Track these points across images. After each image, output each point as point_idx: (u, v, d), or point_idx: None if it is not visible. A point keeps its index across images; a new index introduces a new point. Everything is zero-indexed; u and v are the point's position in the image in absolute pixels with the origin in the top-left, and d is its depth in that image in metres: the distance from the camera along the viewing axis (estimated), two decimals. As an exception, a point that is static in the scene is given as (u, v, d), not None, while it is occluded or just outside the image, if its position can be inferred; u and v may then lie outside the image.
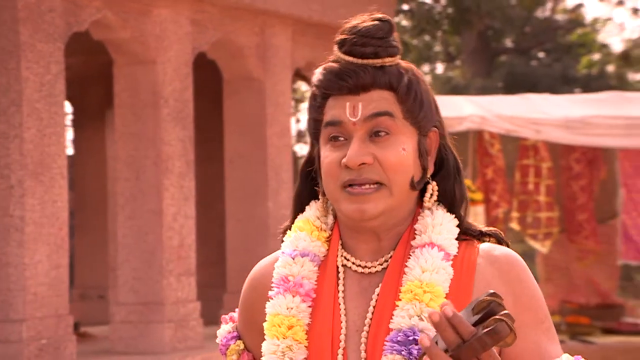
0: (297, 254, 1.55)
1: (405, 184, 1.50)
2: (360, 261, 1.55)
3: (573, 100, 7.58)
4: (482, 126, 6.63)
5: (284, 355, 1.51)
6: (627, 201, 6.93)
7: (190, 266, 5.21)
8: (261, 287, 1.60)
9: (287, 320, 1.52)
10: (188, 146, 5.21)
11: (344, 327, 1.52)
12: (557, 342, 1.51)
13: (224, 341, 1.66)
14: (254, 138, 5.55)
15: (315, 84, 1.54)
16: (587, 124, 6.65)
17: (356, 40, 1.49)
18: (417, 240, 1.53)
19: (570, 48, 16.89)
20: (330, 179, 1.51)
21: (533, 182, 6.92)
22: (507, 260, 1.51)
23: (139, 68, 5.18)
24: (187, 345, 5.19)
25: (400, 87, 1.51)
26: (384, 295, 1.51)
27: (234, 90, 5.65)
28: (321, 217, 1.58)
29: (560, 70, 15.83)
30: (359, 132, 1.49)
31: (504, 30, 16.18)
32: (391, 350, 1.45)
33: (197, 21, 5.37)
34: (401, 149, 1.49)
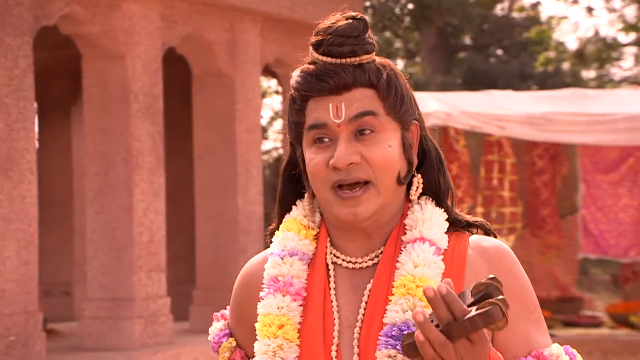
0: (286, 253, 1.56)
1: (392, 179, 1.51)
2: (350, 257, 1.56)
3: (534, 97, 7.69)
4: (447, 122, 6.69)
5: (275, 354, 1.51)
6: (586, 196, 7.05)
7: (160, 262, 5.20)
8: (252, 285, 1.61)
9: (277, 319, 1.53)
10: (158, 141, 5.19)
11: (337, 323, 1.53)
12: (547, 333, 1.53)
13: (216, 338, 1.67)
14: (223, 134, 5.55)
15: (295, 87, 1.53)
16: (549, 121, 6.75)
17: (333, 40, 1.49)
18: (408, 235, 1.54)
19: (526, 45, 17.12)
20: (318, 181, 1.51)
21: (497, 178, 7.01)
22: (497, 251, 1.53)
23: (109, 63, 5.15)
24: (157, 341, 5.18)
25: (380, 83, 1.51)
26: (375, 290, 1.52)
27: (204, 86, 5.64)
28: (308, 216, 1.59)
29: (518, 67, 16.04)
30: (344, 133, 1.49)
31: (462, 27, 16.35)
32: (385, 345, 1.46)
33: (167, 16, 5.35)
34: (387, 146, 1.50)
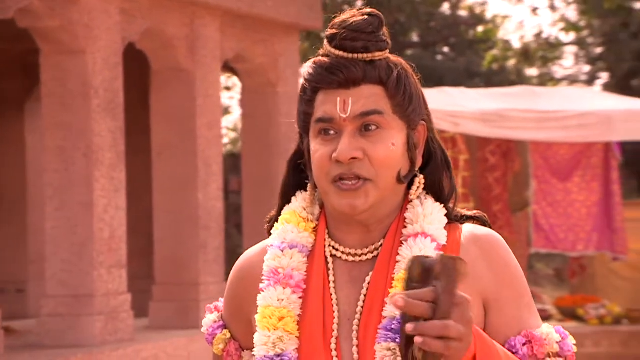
0: (286, 246, 1.57)
1: (391, 178, 1.52)
2: (349, 250, 1.56)
3: (487, 94, 7.81)
4: (402, 119, 6.74)
5: (275, 346, 1.52)
6: (537, 192, 7.19)
7: (121, 258, 5.17)
8: (249, 277, 1.62)
9: (277, 311, 1.53)
10: (119, 137, 5.16)
11: (336, 316, 1.54)
12: (538, 315, 1.56)
13: (210, 330, 1.68)
14: (183, 129, 5.54)
15: (306, 78, 1.54)
16: (502, 117, 6.88)
17: (346, 35, 1.50)
18: (409, 229, 1.55)
19: (473, 44, 17.37)
20: (321, 173, 1.52)
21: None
22: (489, 239, 1.55)
23: (68, 58, 5.09)
24: (117, 337, 5.15)
25: (390, 81, 1.52)
26: (375, 283, 1.53)
27: (163, 81, 5.62)
28: (307, 208, 1.59)
29: (465, 64, 16.27)
30: (350, 128, 1.50)
31: (410, 24, 16.51)
32: (385, 338, 1.47)
33: (126, 11, 5.32)
34: (390, 144, 1.51)
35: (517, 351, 1.50)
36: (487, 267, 1.53)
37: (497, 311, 1.52)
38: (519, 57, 16.89)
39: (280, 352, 1.51)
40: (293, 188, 1.61)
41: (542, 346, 1.50)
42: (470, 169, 7.18)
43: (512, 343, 1.51)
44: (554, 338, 1.50)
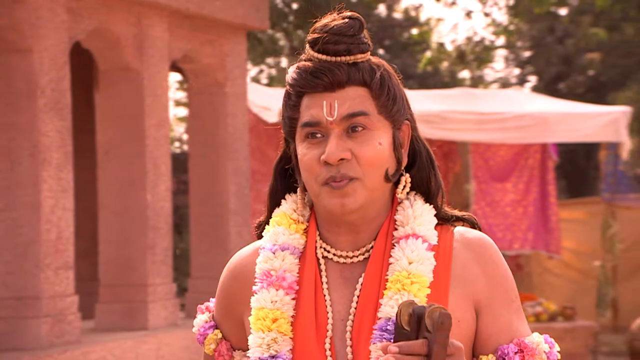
0: (277, 248, 1.58)
1: (380, 177, 1.54)
2: (340, 251, 1.58)
3: (428, 95, 7.97)
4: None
5: (269, 347, 1.53)
6: (477, 192, 7.36)
7: (68, 259, 5.11)
8: (242, 277, 1.63)
9: (271, 313, 1.54)
10: (66, 137, 5.10)
11: (330, 317, 1.55)
12: (526, 322, 1.58)
13: (201, 330, 1.69)
14: (131, 129, 5.50)
15: (290, 83, 1.56)
16: (443, 119, 7.03)
17: (329, 39, 1.52)
18: (400, 231, 1.57)
19: (407, 46, 17.59)
20: (310, 176, 1.54)
21: None
22: (480, 243, 1.57)
23: (14, 56, 5.01)
24: (65, 340, 5.09)
25: (374, 82, 1.54)
26: (367, 285, 1.54)
27: (111, 81, 5.57)
28: (298, 210, 1.61)
29: (400, 66, 16.42)
30: (336, 130, 1.53)
31: (345, 26, 16.62)
32: (380, 338, 1.48)
33: (73, 9, 5.26)
34: (377, 144, 1.53)
35: (509, 359, 1.52)
36: (480, 271, 1.55)
37: (489, 315, 1.54)
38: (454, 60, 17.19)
39: (274, 353, 1.52)
40: (281, 192, 1.64)
41: (533, 356, 1.52)
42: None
43: (504, 351, 1.53)
44: (544, 348, 1.52)
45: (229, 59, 5.88)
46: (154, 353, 5.37)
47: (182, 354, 5.51)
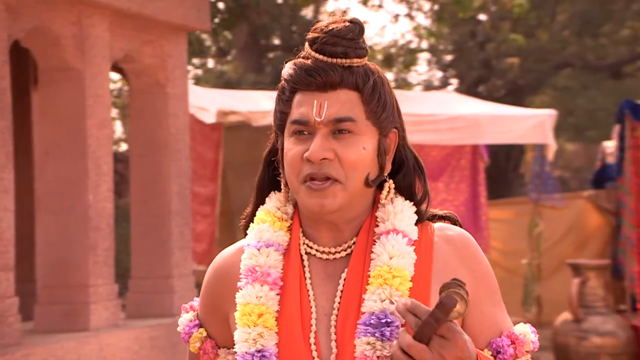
0: (262, 245, 1.61)
1: (360, 181, 1.57)
2: (323, 248, 1.62)
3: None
4: (285, 121, 6.87)
5: (256, 342, 1.55)
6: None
7: (9, 261, 5.03)
8: (227, 276, 1.66)
9: (257, 308, 1.57)
10: (7, 137, 5.03)
11: (314, 311, 1.58)
12: (507, 314, 1.64)
13: (186, 329, 1.72)
14: (72, 130, 5.45)
15: (285, 78, 1.60)
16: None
17: (327, 40, 1.56)
18: (381, 227, 1.60)
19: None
20: (292, 171, 1.57)
21: None
22: (462, 239, 1.63)
23: (-48, 54, 4.92)
24: (4, 342, 5.01)
25: (366, 88, 1.57)
26: (350, 280, 1.58)
27: (51, 81, 5.51)
28: (281, 207, 1.65)
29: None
30: (323, 130, 1.56)
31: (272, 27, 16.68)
32: (365, 333, 1.52)
33: (12, 7, 5.19)
34: (361, 148, 1.56)
35: (504, 352, 1.58)
36: (463, 266, 1.60)
37: (476, 310, 1.57)
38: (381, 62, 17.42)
39: (261, 348, 1.55)
40: (268, 183, 1.68)
41: (523, 345, 1.59)
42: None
43: (499, 344, 1.58)
44: (530, 337, 1.60)
45: (170, 59, 5.89)
46: (96, 354, 5.34)
47: (123, 354, 5.49)
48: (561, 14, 18.16)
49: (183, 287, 5.82)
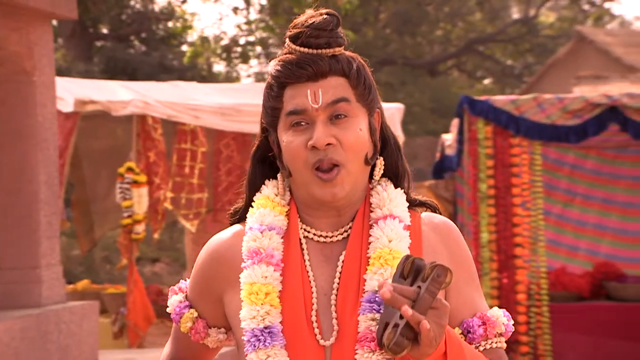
0: (265, 228, 1.67)
1: (361, 160, 1.66)
2: (320, 231, 1.69)
3: (216, 89, 8.17)
4: (145, 111, 6.90)
5: (264, 319, 1.62)
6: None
7: None
8: (223, 259, 1.72)
9: (264, 287, 1.63)
10: None
11: (314, 291, 1.65)
12: (484, 298, 1.71)
13: (177, 310, 1.78)
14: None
15: (273, 75, 1.66)
16: (238, 112, 7.28)
17: (310, 33, 1.63)
18: (378, 212, 1.68)
19: (165, 38, 17.59)
20: (297, 161, 1.64)
21: (189, 166, 7.32)
22: (446, 226, 1.72)
23: None
24: None
25: (352, 73, 1.65)
26: (349, 261, 1.66)
27: None
28: (280, 195, 1.71)
29: (158, 58, 16.46)
30: (321, 117, 1.63)
31: (100, 16, 16.32)
32: (370, 309, 1.59)
33: None
34: (358, 129, 1.64)
35: (474, 332, 1.66)
36: (447, 252, 1.69)
37: (455, 292, 1.66)
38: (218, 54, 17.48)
39: (268, 324, 1.62)
40: (260, 179, 1.74)
41: (494, 327, 1.67)
42: (206, 161, 7.48)
43: (469, 324, 1.66)
44: (502, 320, 1.68)
45: (37, 47, 5.76)
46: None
47: (-7, 348, 5.35)
48: (384, 12, 18.99)
49: (51, 277, 5.72)
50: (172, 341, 1.89)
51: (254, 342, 1.61)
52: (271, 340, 1.61)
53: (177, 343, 1.87)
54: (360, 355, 1.59)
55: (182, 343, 1.86)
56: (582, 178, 8.66)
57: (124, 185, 6.72)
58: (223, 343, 1.81)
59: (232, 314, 1.71)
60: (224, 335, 1.79)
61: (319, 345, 1.62)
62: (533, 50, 20.76)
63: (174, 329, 1.86)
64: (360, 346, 1.59)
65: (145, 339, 6.92)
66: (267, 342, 1.61)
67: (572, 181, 8.65)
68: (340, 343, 1.62)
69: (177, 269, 13.59)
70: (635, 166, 8.62)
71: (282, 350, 1.61)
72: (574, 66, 17.35)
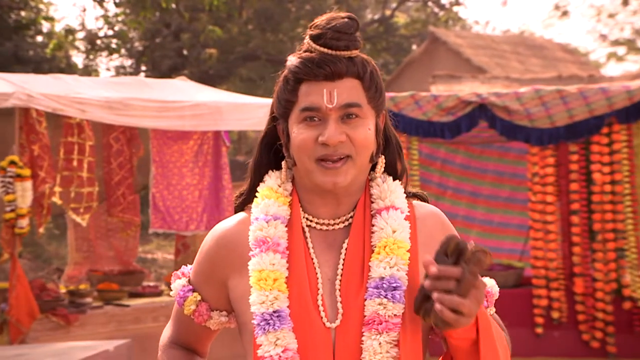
0: (270, 218, 1.75)
1: (367, 157, 1.75)
2: (322, 220, 1.78)
3: (99, 82, 8.00)
4: (28, 104, 6.69)
5: (273, 304, 1.69)
6: (156, 176, 7.55)
7: None
8: (229, 244, 1.79)
9: (272, 274, 1.71)
10: None
11: (319, 277, 1.73)
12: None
13: (181, 293, 1.86)
14: None
15: (292, 70, 1.74)
16: (126, 106, 7.18)
17: (332, 35, 1.72)
18: (380, 203, 1.77)
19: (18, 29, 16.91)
20: (304, 153, 1.72)
21: (77, 159, 7.17)
22: (436, 213, 1.83)
23: None
24: None
25: (366, 76, 1.74)
26: (352, 249, 1.74)
27: None
28: (283, 184, 1.80)
29: (12, 49, 15.79)
30: (334, 116, 1.72)
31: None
32: (378, 295, 1.68)
33: None
34: (367, 129, 1.74)
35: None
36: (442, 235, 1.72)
37: None
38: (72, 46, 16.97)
39: (277, 309, 1.69)
40: (265, 166, 1.83)
41: (492, 297, 1.82)
42: (95, 154, 7.35)
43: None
44: (495, 289, 1.83)
45: None
46: None
47: None
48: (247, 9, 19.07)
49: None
50: (174, 324, 1.95)
51: (264, 326, 1.68)
52: (280, 323, 1.68)
53: (178, 326, 1.94)
54: (367, 337, 1.67)
55: (184, 326, 1.92)
56: (452, 172, 9.12)
57: (6, 179, 6.51)
58: (224, 325, 1.88)
59: (236, 298, 1.78)
60: (225, 318, 1.86)
61: (325, 327, 1.70)
62: (390, 49, 21.45)
63: (176, 312, 1.93)
64: (367, 329, 1.67)
65: (28, 335, 6.73)
66: (276, 326, 1.67)
67: (443, 175, 9.09)
68: (345, 325, 1.69)
69: (39, 265, 13.17)
70: (499, 161, 9.16)
71: (290, 332, 1.68)
72: (429, 65, 18.09)
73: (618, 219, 7.24)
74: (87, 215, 7.18)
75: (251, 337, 1.72)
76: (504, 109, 7.44)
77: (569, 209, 7.41)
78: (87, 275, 8.14)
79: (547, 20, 48.45)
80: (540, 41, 23.57)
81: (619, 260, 7.30)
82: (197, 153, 7.81)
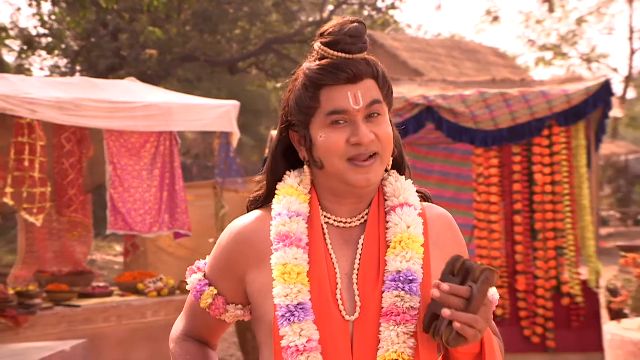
0: (293, 214, 1.81)
1: (391, 153, 1.82)
2: (340, 218, 1.83)
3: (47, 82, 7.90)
4: (-23, 105, 6.59)
5: (297, 297, 1.74)
6: (113, 177, 7.43)
7: None
8: (248, 241, 1.83)
9: (296, 268, 1.76)
10: None
11: (338, 271, 1.78)
12: None
13: (198, 288, 1.90)
14: None
15: (312, 77, 1.78)
16: (77, 106, 7.12)
17: (348, 40, 1.77)
18: (394, 201, 1.83)
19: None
20: (335, 155, 1.77)
21: (28, 160, 7.07)
22: (446, 216, 1.90)
23: None
24: None
25: (380, 75, 1.80)
26: (368, 245, 1.80)
27: None
28: (302, 184, 1.85)
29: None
30: (361, 116, 1.77)
31: None
32: (395, 287, 1.73)
33: None
34: (389, 126, 1.81)
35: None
36: (451, 238, 1.87)
37: None
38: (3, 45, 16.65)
39: (301, 301, 1.75)
40: (282, 170, 1.88)
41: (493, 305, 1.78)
42: (47, 155, 7.26)
43: None
44: (497, 296, 1.88)
45: None
46: None
47: None
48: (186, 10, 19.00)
49: None
50: (187, 317, 2.02)
51: (289, 317, 1.73)
52: (304, 315, 1.73)
53: (193, 319, 2.00)
54: (385, 328, 1.73)
55: (198, 319, 1.99)
56: (398, 173, 9.28)
57: (-44, 181, 6.40)
58: (239, 318, 1.95)
59: (254, 292, 1.83)
60: (241, 312, 1.91)
61: (345, 320, 1.75)
62: (327, 51, 21.51)
63: (191, 306, 1.98)
64: (385, 320, 1.73)
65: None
66: (300, 317, 1.73)
67: (389, 176, 9.25)
68: (363, 318, 1.75)
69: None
70: (445, 162, 9.38)
71: (312, 324, 1.74)
72: (367, 68, 18.18)
73: (558, 219, 7.47)
74: (41, 215, 7.08)
75: (270, 329, 1.78)
76: (450, 112, 7.62)
77: (512, 208, 7.60)
78: (34, 276, 8.04)
79: (479, 25, 49.46)
80: (473, 45, 24.12)
81: (559, 258, 7.54)
82: (155, 155, 7.76)
